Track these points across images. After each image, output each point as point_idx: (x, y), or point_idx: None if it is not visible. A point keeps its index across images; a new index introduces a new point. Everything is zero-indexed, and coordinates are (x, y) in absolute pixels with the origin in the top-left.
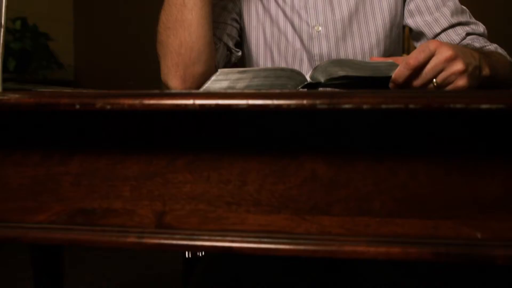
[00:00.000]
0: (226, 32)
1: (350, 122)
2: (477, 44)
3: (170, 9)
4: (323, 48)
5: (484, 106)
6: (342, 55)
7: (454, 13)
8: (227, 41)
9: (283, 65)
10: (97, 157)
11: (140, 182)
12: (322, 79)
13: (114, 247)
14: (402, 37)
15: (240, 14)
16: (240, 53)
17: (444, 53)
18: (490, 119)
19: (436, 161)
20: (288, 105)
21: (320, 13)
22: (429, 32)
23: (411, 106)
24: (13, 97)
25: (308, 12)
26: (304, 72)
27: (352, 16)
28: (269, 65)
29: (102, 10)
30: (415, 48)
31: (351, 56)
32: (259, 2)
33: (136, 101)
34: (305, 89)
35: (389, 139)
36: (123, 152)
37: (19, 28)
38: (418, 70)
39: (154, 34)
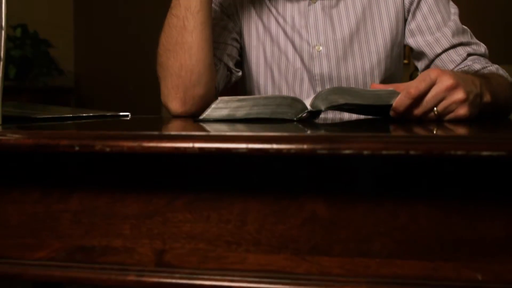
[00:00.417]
0: (226, 52)
1: (351, 166)
2: (478, 65)
3: (170, 32)
4: (324, 67)
5: (485, 153)
6: (343, 75)
7: (455, 33)
8: (228, 61)
9: (283, 84)
10: (96, 195)
11: (139, 220)
12: (322, 107)
13: (113, 286)
14: (403, 56)
15: (240, 33)
16: (240, 73)
17: (445, 82)
18: (491, 164)
19: (436, 203)
20: (288, 149)
21: (321, 32)
22: (430, 52)
23: (412, 152)
24: (12, 137)
25: (309, 32)
26: (304, 91)
27: (353, 35)
28: (269, 84)
29: (102, 16)
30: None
31: (352, 76)
32: (260, 21)
33: (135, 144)
34: (307, 114)
35: (389, 182)
36: (122, 191)
37: (20, 36)
38: (419, 99)
39: (155, 39)
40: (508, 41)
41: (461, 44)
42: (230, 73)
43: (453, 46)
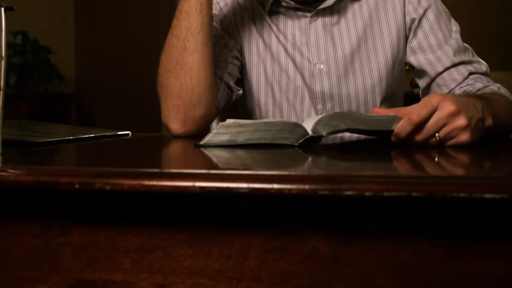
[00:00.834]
0: (227, 71)
1: (352, 205)
2: (479, 84)
3: (170, 52)
4: (324, 85)
5: (487, 195)
6: (344, 93)
7: (456, 52)
8: (228, 80)
9: (284, 102)
10: (97, 229)
11: (140, 255)
12: (324, 132)
13: None
14: (404, 73)
15: (241, 51)
16: (241, 91)
17: (447, 108)
18: (493, 205)
19: (438, 241)
20: (290, 190)
21: (322, 50)
22: (431, 71)
23: (414, 194)
24: (12, 174)
25: (310, 49)
26: (305, 109)
27: (354, 53)
28: (270, 102)
29: (103, 22)
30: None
31: (353, 93)
32: (260, 38)
33: (136, 182)
34: (308, 139)
35: (391, 220)
36: (123, 225)
37: (20, 43)
38: (420, 125)
39: (155, 45)
40: (508, 48)
41: (462, 62)
42: (230, 91)
43: (455, 65)
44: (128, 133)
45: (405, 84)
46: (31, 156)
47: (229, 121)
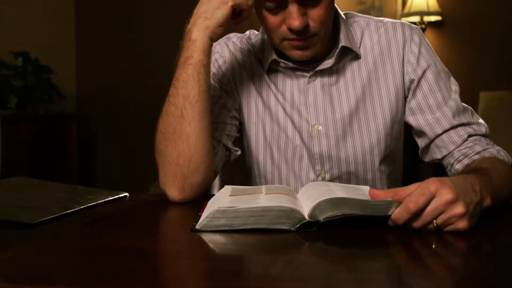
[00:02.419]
0: (225, 132)
1: None
2: (479, 147)
3: (168, 120)
4: (323, 146)
5: None
6: (342, 154)
7: (455, 113)
8: (226, 142)
9: (282, 162)
10: None
11: None
12: (320, 218)
13: None
14: (403, 133)
15: (239, 109)
16: (239, 152)
17: (445, 196)
18: None
19: None
20: None
21: (320, 111)
22: (430, 132)
23: None
24: None
25: (308, 110)
26: (304, 168)
27: (353, 114)
28: (268, 161)
29: (105, 38)
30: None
31: (351, 155)
32: (259, 97)
33: None
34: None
35: None
36: None
37: (21, 64)
38: (418, 211)
39: (158, 62)
40: (511, 66)
41: (461, 124)
42: (229, 152)
43: (454, 127)
44: (126, 196)
45: None
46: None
47: (226, 188)
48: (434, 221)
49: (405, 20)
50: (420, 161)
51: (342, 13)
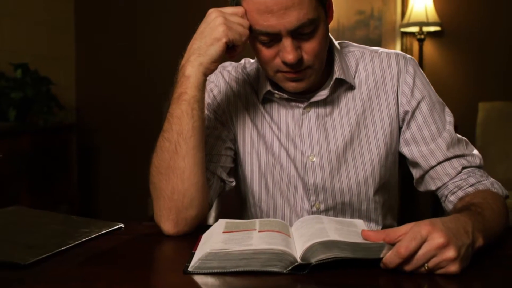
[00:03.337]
0: (220, 164)
1: None
2: (472, 179)
3: (162, 155)
4: (317, 178)
5: None
6: (337, 186)
7: (450, 145)
8: (221, 173)
9: (277, 192)
10: None
11: None
12: (312, 260)
13: None
14: (398, 163)
15: (234, 140)
16: (234, 183)
17: (436, 240)
18: None
19: None
20: None
21: (315, 143)
22: (424, 164)
23: None
24: None
25: (303, 141)
26: (298, 199)
27: (347, 145)
28: (263, 192)
29: (104, 49)
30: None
31: (345, 186)
32: (254, 127)
33: None
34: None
35: None
36: None
37: (20, 76)
38: (409, 256)
39: (158, 72)
40: (509, 77)
41: (455, 156)
42: (223, 183)
43: (448, 159)
44: (121, 227)
45: None
46: None
47: (220, 223)
48: (426, 264)
49: (404, 30)
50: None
51: (336, 43)
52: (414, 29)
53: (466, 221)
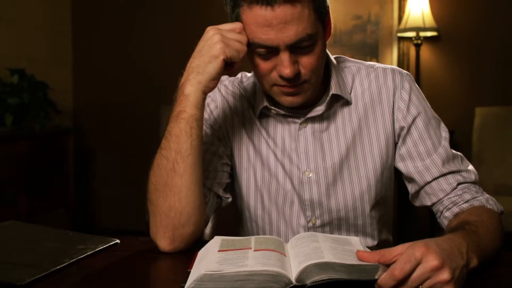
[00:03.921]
0: (216, 180)
1: None
2: (468, 196)
3: (159, 172)
4: (313, 193)
5: None
6: (333, 202)
7: (445, 161)
8: (217, 189)
9: (273, 208)
10: None
11: None
12: (307, 281)
13: None
14: (393, 177)
15: (231, 155)
16: (230, 199)
17: (430, 262)
18: None
19: None
20: None
21: (311, 158)
22: (420, 180)
23: None
24: None
25: (299, 157)
26: (294, 214)
27: (343, 161)
28: (259, 207)
29: (102, 53)
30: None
31: (341, 202)
32: (250, 143)
33: None
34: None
35: None
36: None
37: (17, 82)
38: (404, 278)
39: (156, 74)
40: (507, 82)
41: (451, 172)
42: (220, 199)
43: (443, 175)
44: (117, 243)
45: None
46: None
47: (216, 240)
48: (420, 286)
49: (401, 35)
50: None
51: (333, 58)
52: (411, 34)
53: (461, 242)
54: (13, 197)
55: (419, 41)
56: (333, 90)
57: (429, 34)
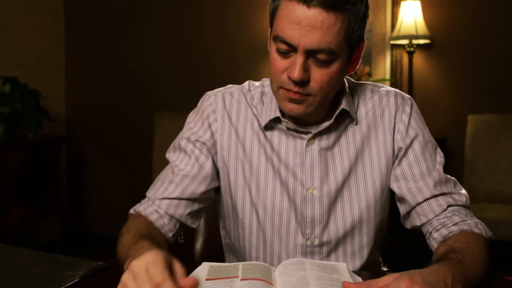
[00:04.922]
0: (188, 210)
1: None
2: (457, 218)
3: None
4: (316, 211)
5: None
6: (332, 220)
7: (437, 183)
8: (186, 220)
9: (268, 225)
10: None
11: None
12: None
13: None
14: (389, 199)
15: (217, 177)
16: (196, 226)
17: None
18: None
19: None
20: None
21: (316, 175)
22: (411, 200)
23: None
24: None
25: (304, 173)
26: (291, 233)
27: (345, 180)
28: (254, 225)
29: (94, 60)
30: None
31: (340, 220)
32: (249, 158)
33: None
34: None
35: None
36: None
37: (9, 90)
38: None
39: (151, 81)
40: (496, 91)
41: (442, 194)
42: (186, 225)
43: (434, 196)
44: (106, 267)
45: None
46: None
47: (204, 266)
48: None
49: (394, 42)
50: None
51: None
52: (404, 41)
53: (446, 273)
54: (6, 206)
55: (412, 49)
56: (344, 105)
57: (422, 41)
